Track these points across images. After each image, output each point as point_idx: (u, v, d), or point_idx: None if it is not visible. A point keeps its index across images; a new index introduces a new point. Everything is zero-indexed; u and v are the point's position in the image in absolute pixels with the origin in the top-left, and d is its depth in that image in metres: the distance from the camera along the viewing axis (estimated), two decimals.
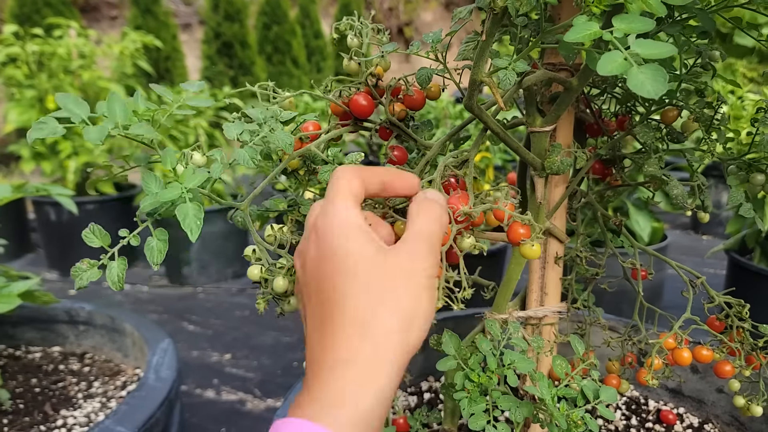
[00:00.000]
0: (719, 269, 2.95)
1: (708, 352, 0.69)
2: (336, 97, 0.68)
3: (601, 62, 0.40)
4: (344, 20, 0.66)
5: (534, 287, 0.76)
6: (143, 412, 1.02)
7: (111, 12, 8.64)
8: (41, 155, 2.98)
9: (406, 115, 0.70)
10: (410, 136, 0.70)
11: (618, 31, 0.43)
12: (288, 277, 0.56)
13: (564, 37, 0.44)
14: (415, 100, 0.69)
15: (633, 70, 0.39)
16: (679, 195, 0.66)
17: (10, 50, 2.85)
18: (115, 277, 0.54)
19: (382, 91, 0.68)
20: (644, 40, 0.41)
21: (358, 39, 0.66)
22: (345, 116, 0.69)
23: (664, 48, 0.40)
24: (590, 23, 0.44)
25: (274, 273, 0.56)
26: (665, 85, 0.38)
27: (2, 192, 1.12)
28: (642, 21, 0.43)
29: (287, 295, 0.57)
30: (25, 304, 1.07)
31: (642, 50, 0.40)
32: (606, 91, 0.75)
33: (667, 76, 0.39)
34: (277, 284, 0.55)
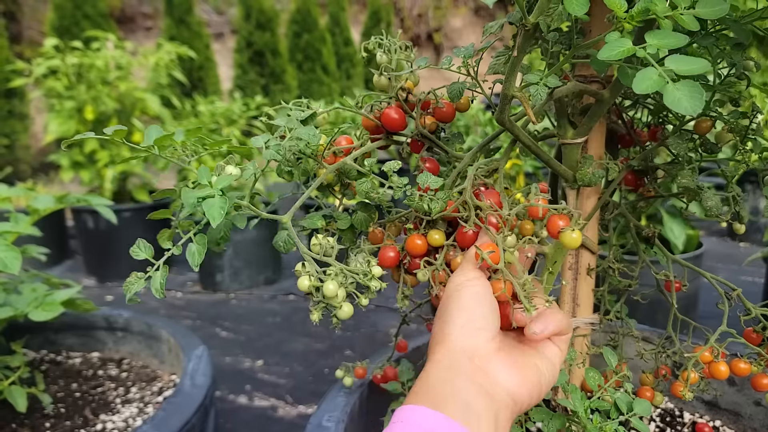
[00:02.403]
0: (757, 277, 2.89)
1: (745, 366, 0.68)
2: (368, 112, 0.69)
3: (637, 80, 0.40)
4: (372, 39, 0.67)
5: (566, 298, 0.76)
6: (179, 417, 1.04)
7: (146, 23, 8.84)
8: (80, 164, 3.06)
9: (436, 128, 0.71)
10: (441, 147, 0.71)
11: (651, 47, 0.43)
12: (338, 280, 0.57)
13: (597, 54, 0.44)
14: (445, 112, 0.70)
15: (669, 87, 0.39)
16: (714, 206, 0.66)
17: (50, 63, 2.94)
18: (158, 284, 0.58)
19: (413, 105, 0.69)
20: (678, 56, 0.41)
21: (387, 56, 0.68)
22: (377, 130, 0.70)
23: (699, 64, 0.40)
24: (623, 40, 0.44)
25: (324, 280, 0.57)
26: (702, 101, 0.38)
27: (46, 203, 1.16)
28: (675, 36, 0.43)
29: (339, 300, 0.57)
30: (66, 311, 1.10)
31: (676, 66, 0.40)
32: (638, 101, 0.75)
33: (704, 92, 0.39)
34: (327, 289, 0.56)
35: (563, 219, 0.56)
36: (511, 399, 0.50)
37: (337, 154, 0.67)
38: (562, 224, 0.55)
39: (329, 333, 2.43)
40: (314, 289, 0.58)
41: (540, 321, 0.53)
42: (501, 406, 0.49)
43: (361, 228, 0.69)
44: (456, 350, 0.51)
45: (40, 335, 1.50)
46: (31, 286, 1.17)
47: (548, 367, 0.54)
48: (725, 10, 0.45)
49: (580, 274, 0.75)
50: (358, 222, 0.69)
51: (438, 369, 0.50)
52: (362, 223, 0.69)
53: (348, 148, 0.68)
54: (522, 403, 0.51)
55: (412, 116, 0.70)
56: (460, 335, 0.51)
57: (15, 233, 1.05)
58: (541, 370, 0.53)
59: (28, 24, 7.65)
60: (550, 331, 0.53)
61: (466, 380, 0.49)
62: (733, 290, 0.69)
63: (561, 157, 0.72)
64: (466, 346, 0.51)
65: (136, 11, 8.79)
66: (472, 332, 0.52)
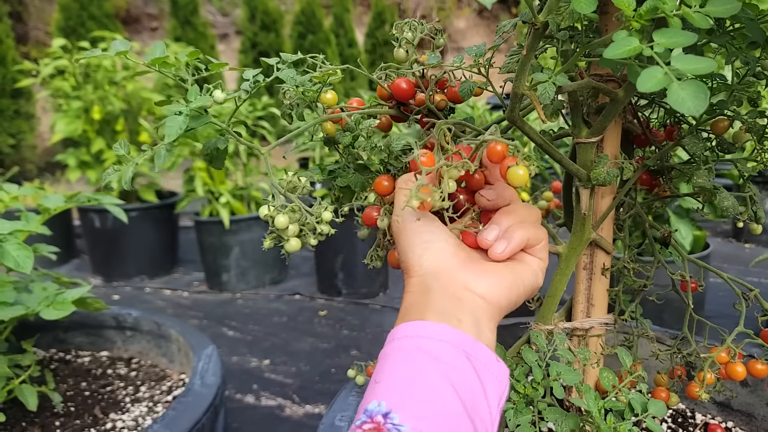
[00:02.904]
0: (764, 278, 2.88)
1: (762, 366, 0.68)
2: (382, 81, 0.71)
3: (641, 79, 0.40)
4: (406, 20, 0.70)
5: (580, 298, 0.76)
6: (190, 417, 1.04)
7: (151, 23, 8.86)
8: (87, 164, 3.07)
9: (445, 105, 0.72)
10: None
11: (658, 45, 0.42)
12: (290, 215, 0.60)
13: (604, 53, 0.44)
14: (456, 93, 0.71)
15: (673, 86, 0.39)
16: (731, 207, 0.66)
17: (58, 63, 2.95)
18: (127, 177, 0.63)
19: (427, 81, 0.71)
20: (684, 56, 0.41)
21: (412, 33, 0.69)
22: (390, 99, 0.72)
23: (705, 63, 0.40)
24: (630, 38, 0.44)
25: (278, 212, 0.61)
26: (706, 101, 0.38)
27: (56, 202, 1.16)
28: (684, 35, 0.43)
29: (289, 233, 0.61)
30: (75, 310, 1.11)
31: (682, 65, 0.40)
32: (654, 101, 0.75)
33: (708, 92, 0.38)
34: (278, 221, 0.60)
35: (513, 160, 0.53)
36: (483, 300, 0.52)
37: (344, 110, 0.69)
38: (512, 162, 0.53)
39: (335, 333, 2.44)
40: (270, 219, 0.61)
41: (500, 241, 0.54)
42: (475, 307, 0.51)
43: (354, 187, 0.71)
44: (422, 276, 0.53)
45: (49, 334, 1.50)
46: (41, 285, 1.17)
47: (527, 270, 0.55)
48: (737, 8, 0.44)
49: (594, 274, 0.75)
50: (351, 181, 0.70)
51: (410, 296, 0.53)
52: (358, 184, 0.70)
53: (356, 107, 0.70)
54: (499, 304, 0.53)
55: (423, 91, 0.71)
56: (421, 262, 0.53)
57: (26, 232, 1.05)
58: (517, 272, 0.54)
59: (34, 25, 7.67)
60: (513, 248, 0.54)
61: (436, 294, 0.51)
62: (750, 290, 0.69)
63: (575, 157, 0.72)
64: (430, 268, 0.53)
65: (141, 12, 8.81)
66: (431, 256, 0.53)
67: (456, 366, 0.46)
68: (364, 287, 2.82)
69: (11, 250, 0.95)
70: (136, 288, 3.05)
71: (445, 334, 0.48)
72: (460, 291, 0.52)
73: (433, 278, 0.52)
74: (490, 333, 0.51)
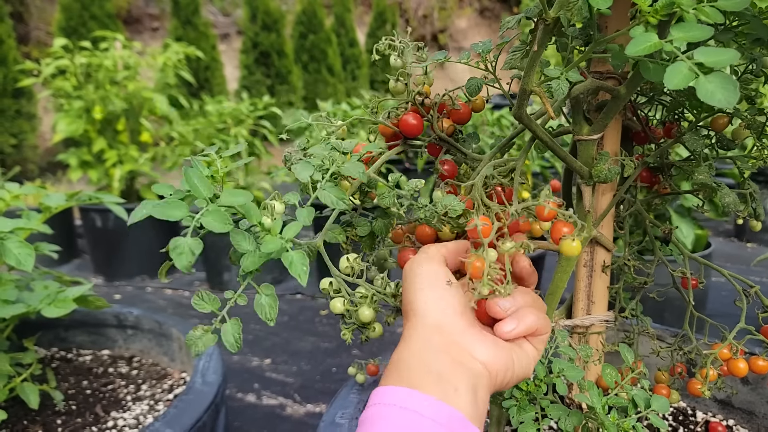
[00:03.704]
0: (765, 277, 2.88)
1: (764, 363, 0.68)
2: (385, 118, 0.69)
3: (668, 75, 0.40)
4: (384, 40, 0.67)
5: (581, 296, 0.76)
6: (191, 415, 1.04)
7: (152, 23, 8.87)
8: (88, 164, 3.07)
9: (454, 130, 0.71)
10: (460, 150, 0.71)
11: (677, 40, 0.42)
12: (372, 305, 0.58)
13: (626, 50, 0.44)
14: (462, 114, 0.70)
15: (701, 80, 0.39)
16: (732, 203, 0.66)
17: (59, 63, 2.95)
18: (231, 338, 0.57)
19: (428, 108, 0.69)
20: (706, 48, 0.41)
21: (401, 59, 0.68)
22: (394, 136, 0.70)
23: (728, 54, 0.40)
24: (649, 34, 0.44)
25: (357, 304, 0.58)
26: (736, 93, 0.37)
27: (58, 200, 1.16)
28: (700, 29, 0.43)
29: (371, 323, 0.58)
30: (76, 309, 1.11)
31: (706, 59, 0.40)
32: (653, 98, 0.75)
33: (737, 83, 0.38)
34: (363, 314, 0.57)
35: (567, 226, 0.55)
36: (485, 369, 0.49)
37: None
38: (566, 231, 0.54)
39: (336, 332, 2.44)
40: (347, 312, 0.59)
41: (511, 319, 0.52)
42: (476, 374, 0.49)
43: (380, 234, 0.69)
44: (425, 326, 0.50)
45: (50, 332, 1.50)
46: (43, 284, 1.17)
47: (521, 355, 0.53)
48: (746, 2, 0.44)
49: (595, 271, 0.75)
50: (378, 229, 0.69)
51: (408, 347, 0.50)
52: (382, 230, 0.69)
53: (367, 157, 0.68)
54: (497, 376, 0.50)
55: (428, 120, 0.70)
56: (427, 312, 0.51)
57: (28, 230, 1.05)
58: (516, 354, 0.52)
59: (35, 25, 7.68)
60: (521, 330, 0.52)
61: (436, 353, 0.48)
62: (750, 287, 0.69)
63: (576, 154, 0.72)
64: (435, 321, 0.50)
65: (142, 12, 8.82)
66: (440, 308, 0.51)
67: None
68: None
69: (13, 248, 0.95)
70: (138, 287, 3.05)
71: (437, 412, 0.45)
72: (462, 355, 0.49)
73: (436, 332, 0.50)
74: (483, 405, 0.49)
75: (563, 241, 0.54)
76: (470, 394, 0.47)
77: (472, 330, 0.51)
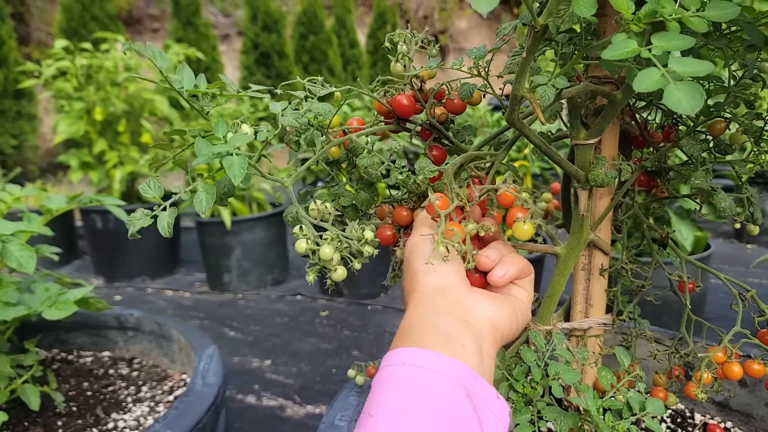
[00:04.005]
0: (765, 279, 2.88)
1: (759, 367, 0.68)
2: (381, 97, 0.71)
3: (638, 79, 0.41)
4: (398, 32, 0.69)
5: (579, 299, 0.77)
6: (191, 417, 1.04)
7: (153, 24, 8.87)
8: (89, 165, 3.08)
9: (446, 118, 0.72)
10: (448, 138, 0.73)
11: (657, 48, 0.43)
12: (333, 245, 0.60)
13: (602, 54, 0.45)
14: (456, 105, 0.71)
15: (670, 86, 0.40)
16: (728, 207, 0.66)
17: (60, 64, 2.96)
18: (165, 224, 0.60)
19: (426, 95, 0.71)
20: (682, 58, 0.41)
21: (406, 46, 0.69)
22: (389, 115, 0.72)
23: (702, 66, 0.41)
24: (629, 41, 0.45)
25: (320, 244, 0.60)
26: (701, 101, 0.39)
27: (59, 203, 1.17)
28: (681, 38, 0.43)
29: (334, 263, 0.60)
30: (77, 310, 1.11)
31: (680, 68, 0.41)
32: (652, 102, 0.76)
33: (703, 92, 0.39)
34: (324, 252, 0.59)
35: (522, 211, 0.57)
36: (491, 325, 0.52)
37: (347, 132, 0.69)
38: (520, 216, 0.57)
39: (337, 333, 2.44)
40: (311, 252, 0.61)
41: (501, 265, 0.57)
42: (482, 331, 0.51)
43: (362, 207, 0.71)
44: (429, 291, 0.53)
45: (51, 334, 1.51)
46: (44, 286, 1.18)
47: (519, 302, 0.58)
48: (735, 12, 0.45)
49: (593, 274, 0.75)
50: (360, 201, 0.71)
51: (415, 311, 0.52)
52: (364, 202, 0.71)
53: (358, 128, 0.70)
54: (502, 330, 0.54)
55: (423, 105, 0.71)
56: (430, 279, 0.54)
57: (29, 233, 1.06)
58: (514, 304, 0.57)
59: (36, 26, 7.69)
60: (512, 274, 0.57)
61: (443, 314, 0.51)
62: (746, 291, 0.70)
63: (573, 158, 0.72)
64: (438, 284, 0.53)
65: (143, 13, 8.83)
66: (441, 273, 0.54)
67: (455, 405, 0.45)
68: (366, 288, 2.83)
69: (14, 250, 0.95)
70: (138, 289, 3.06)
71: (447, 367, 0.47)
72: (467, 313, 0.52)
73: (440, 294, 0.52)
74: (490, 360, 0.51)
75: (515, 224, 0.57)
76: (477, 349, 0.50)
77: (474, 291, 0.55)
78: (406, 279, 0.57)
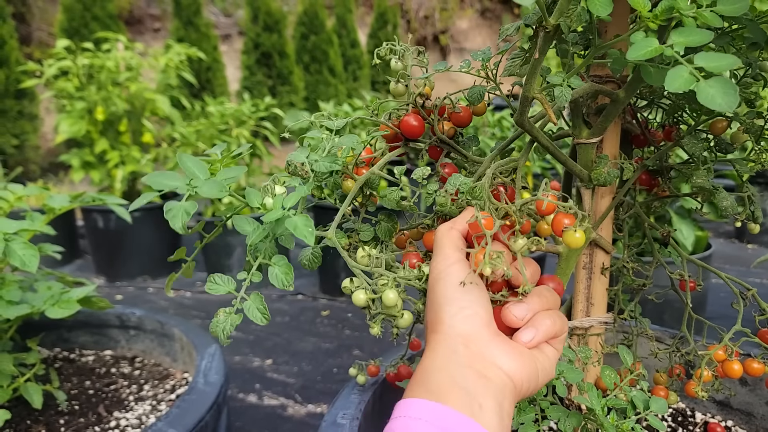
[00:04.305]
0: (765, 279, 2.88)
1: (759, 365, 0.68)
2: (386, 119, 0.70)
3: (669, 80, 0.40)
4: (384, 45, 0.68)
5: (580, 297, 0.77)
6: (193, 415, 1.05)
7: (154, 24, 8.88)
8: (90, 164, 3.08)
9: (455, 133, 0.71)
10: (461, 152, 0.71)
11: (678, 45, 0.43)
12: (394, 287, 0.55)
13: (627, 55, 0.44)
14: (462, 117, 0.70)
15: (701, 84, 0.39)
16: (729, 206, 0.66)
17: (61, 64, 2.96)
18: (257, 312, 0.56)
19: (430, 111, 0.70)
20: (707, 53, 0.41)
21: (402, 62, 0.68)
22: (395, 138, 0.70)
23: (728, 60, 0.40)
24: (649, 39, 0.44)
25: (380, 290, 0.55)
26: (736, 97, 0.38)
27: (61, 202, 1.17)
28: (700, 33, 0.43)
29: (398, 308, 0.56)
30: (79, 309, 1.12)
31: (706, 63, 0.40)
32: (653, 101, 0.76)
33: (737, 88, 0.39)
34: (387, 298, 0.55)
35: (569, 217, 0.55)
36: (510, 381, 0.49)
37: (359, 165, 0.67)
38: (567, 222, 0.54)
39: (337, 333, 2.44)
40: (371, 302, 0.57)
41: (529, 328, 0.53)
42: (502, 388, 0.48)
43: (384, 238, 0.69)
44: (451, 337, 0.50)
45: (53, 333, 1.51)
46: (46, 284, 1.18)
47: (544, 361, 0.53)
48: (745, 7, 0.45)
49: (594, 273, 0.75)
50: (381, 232, 0.68)
51: (434, 358, 0.50)
52: (386, 233, 0.68)
53: (369, 158, 0.68)
54: (522, 386, 0.50)
55: (429, 122, 0.70)
56: (453, 322, 0.50)
57: (32, 231, 1.06)
58: (537, 361, 0.52)
59: (37, 26, 7.70)
60: (540, 339, 0.53)
61: (463, 366, 0.48)
62: (747, 290, 0.70)
63: (575, 157, 0.72)
64: (461, 331, 0.50)
65: (144, 13, 8.83)
66: (466, 318, 0.50)
67: None
68: None
69: (17, 249, 0.96)
70: (139, 288, 3.06)
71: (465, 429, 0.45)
72: (487, 368, 0.49)
73: (462, 344, 0.50)
74: (509, 420, 0.49)
75: (566, 233, 0.54)
76: (497, 409, 0.47)
77: (497, 340, 0.51)
78: (429, 311, 0.53)
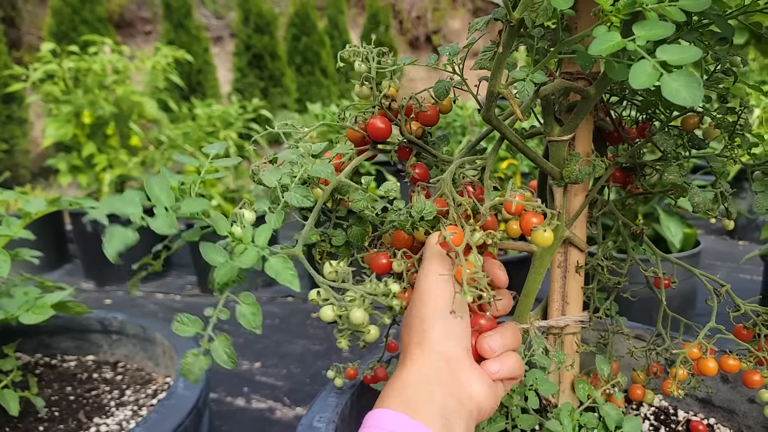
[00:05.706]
0: (756, 275, 2.88)
1: (734, 362, 0.68)
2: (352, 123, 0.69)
3: (632, 75, 0.40)
4: (347, 48, 0.67)
5: (555, 296, 0.76)
6: (172, 420, 1.03)
7: (145, 27, 8.85)
8: (78, 168, 3.06)
9: (423, 132, 0.70)
10: (430, 152, 0.71)
11: (640, 39, 0.42)
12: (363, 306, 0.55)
13: (588, 49, 0.44)
14: (430, 116, 0.69)
15: (665, 78, 0.39)
16: (701, 202, 0.66)
17: (47, 67, 2.94)
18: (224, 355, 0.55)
19: (396, 112, 0.69)
20: (668, 46, 0.40)
21: (366, 65, 0.67)
22: (362, 141, 0.69)
23: (690, 52, 0.40)
24: (612, 33, 0.44)
25: (348, 308, 0.55)
26: (701, 90, 0.37)
27: (37, 206, 1.15)
28: (662, 26, 0.43)
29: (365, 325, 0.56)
30: (60, 315, 1.10)
31: (668, 56, 0.40)
32: (625, 98, 0.75)
33: (701, 81, 0.38)
34: (354, 317, 0.54)
35: (537, 216, 0.55)
36: (477, 408, 0.52)
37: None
38: (535, 221, 0.55)
39: (327, 335, 2.43)
40: (338, 317, 0.56)
41: (496, 362, 0.56)
42: (472, 412, 0.52)
43: (356, 242, 0.68)
44: (436, 354, 0.52)
45: (34, 338, 1.49)
46: (23, 290, 1.17)
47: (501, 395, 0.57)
48: (707, 3, 0.44)
49: (569, 272, 0.75)
50: (353, 236, 0.68)
51: (413, 370, 0.51)
52: (358, 237, 0.68)
53: (337, 163, 0.67)
54: (483, 415, 0.54)
55: (397, 123, 0.69)
56: (439, 340, 0.52)
57: (6, 237, 1.05)
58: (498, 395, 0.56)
59: (27, 29, 7.66)
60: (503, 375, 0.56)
61: (440, 385, 0.50)
62: (722, 286, 0.69)
63: (548, 155, 0.72)
64: (445, 350, 0.52)
65: (135, 16, 8.80)
66: (451, 340, 0.53)
67: None
68: None
69: None
70: (128, 292, 3.04)
71: None
72: (461, 393, 0.51)
73: (445, 363, 0.52)
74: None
75: (534, 232, 0.55)
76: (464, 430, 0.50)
77: (474, 367, 0.54)
78: (410, 324, 0.54)
